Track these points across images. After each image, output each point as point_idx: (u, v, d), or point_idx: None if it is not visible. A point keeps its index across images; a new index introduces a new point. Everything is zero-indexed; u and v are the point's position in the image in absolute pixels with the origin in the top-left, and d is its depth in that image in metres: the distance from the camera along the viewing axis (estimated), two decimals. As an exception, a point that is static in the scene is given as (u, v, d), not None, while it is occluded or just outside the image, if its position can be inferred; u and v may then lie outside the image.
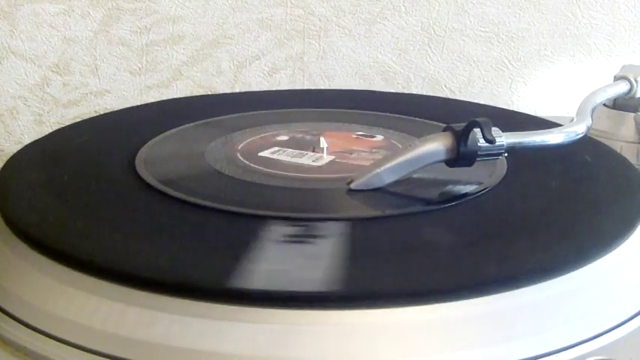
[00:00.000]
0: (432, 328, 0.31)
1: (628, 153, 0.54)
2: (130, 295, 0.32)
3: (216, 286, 0.32)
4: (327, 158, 0.47)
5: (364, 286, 0.32)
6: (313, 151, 0.48)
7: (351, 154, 0.48)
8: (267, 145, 0.50)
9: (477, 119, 0.40)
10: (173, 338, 0.30)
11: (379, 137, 0.51)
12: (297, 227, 0.38)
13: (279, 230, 0.37)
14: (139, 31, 0.75)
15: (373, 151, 0.47)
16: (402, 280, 0.32)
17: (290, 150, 0.49)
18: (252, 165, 0.46)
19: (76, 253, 0.34)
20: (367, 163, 0.45)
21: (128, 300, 0.32)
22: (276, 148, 0.49)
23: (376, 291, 0.32)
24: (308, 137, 0.51)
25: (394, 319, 0.31)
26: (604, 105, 0.57)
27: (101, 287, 0.32)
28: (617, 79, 0.56)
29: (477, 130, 0.40)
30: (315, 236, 0.37)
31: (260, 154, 0.48)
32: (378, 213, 0.40)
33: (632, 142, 0.56)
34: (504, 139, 0.41)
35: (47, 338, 0.32)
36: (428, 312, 0.31)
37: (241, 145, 0.49)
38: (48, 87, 0.75)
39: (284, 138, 0.51)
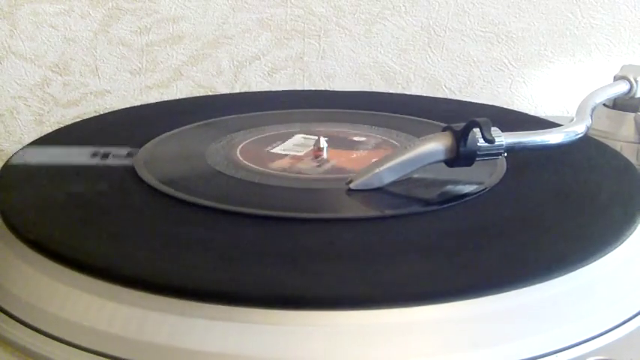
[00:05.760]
0: (432, 329, 0.31)
1: (628, 153, 0.54)
2: (130, 296, 0.32)
3: (218, 288, 0.32)
4: (298, 157, 0.47)
5: (363, 287, 0.32)
6: (313, 152, 0.48)
7: (335, 162, 0.47)
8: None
9: (477, 119, 0.40)
10: (169, 339, 0.30)
11: None
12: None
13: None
14: (139, 31, 0.75)
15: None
16: (402, 281, 0.32)
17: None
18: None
19: (76, 253, 0.34)
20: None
21: (128, 300, 0.32)
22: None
23: (375, 292, 0.32)
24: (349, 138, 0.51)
25: (394, 319, 0.30)
26: (604, 105, 0.57)
27: (100, 287, 0.32)
28: (617, 79, 0.56)
29: (477, 130, 0.40)
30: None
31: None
32: (377, 213, 0.40)
33: (632, 142, 0.56)
34: (504, 138, 0.41)
35: (47, 338, 0.32)
36: (428, 312, 0.31)
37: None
38: (48, 87, 0.75)
39: (362, 139, 0.51)
